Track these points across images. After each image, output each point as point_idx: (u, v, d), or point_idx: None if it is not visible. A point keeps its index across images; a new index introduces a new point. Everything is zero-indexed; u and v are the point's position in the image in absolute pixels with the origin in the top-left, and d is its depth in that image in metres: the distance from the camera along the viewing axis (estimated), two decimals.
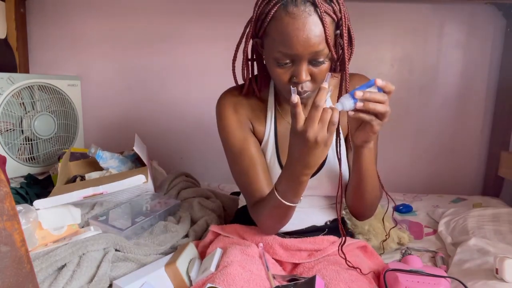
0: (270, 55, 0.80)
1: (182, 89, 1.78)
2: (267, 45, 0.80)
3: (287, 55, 0.77)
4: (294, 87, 0.72)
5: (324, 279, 0.78)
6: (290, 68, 0.79)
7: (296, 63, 0.78)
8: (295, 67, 0.78)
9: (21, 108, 1.46)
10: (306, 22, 0.73)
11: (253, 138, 0.94)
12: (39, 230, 0.94)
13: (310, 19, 0.74)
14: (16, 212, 0.53)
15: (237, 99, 0.95)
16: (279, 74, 0.80)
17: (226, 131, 0.93)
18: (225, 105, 0.95)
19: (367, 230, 1.12)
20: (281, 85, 0.82)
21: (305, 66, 0.78)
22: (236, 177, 0.94)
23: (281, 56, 0.77)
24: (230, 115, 0.94)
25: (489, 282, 0.84)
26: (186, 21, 1.71)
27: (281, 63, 0.78)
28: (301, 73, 0.78)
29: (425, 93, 1.71)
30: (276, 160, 0.94)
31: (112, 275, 0.84)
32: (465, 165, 1.76)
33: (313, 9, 0.74)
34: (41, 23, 1.72)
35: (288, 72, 0.79)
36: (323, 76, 0.81)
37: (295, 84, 0.80)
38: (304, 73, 0.78)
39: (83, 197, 1.05)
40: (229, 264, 0.77)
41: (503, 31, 1.63)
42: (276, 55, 0.77)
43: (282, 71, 0.79)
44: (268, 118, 0.95)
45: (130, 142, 1.32)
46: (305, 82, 0.79)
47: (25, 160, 1.48)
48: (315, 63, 0.78)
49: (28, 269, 0.54)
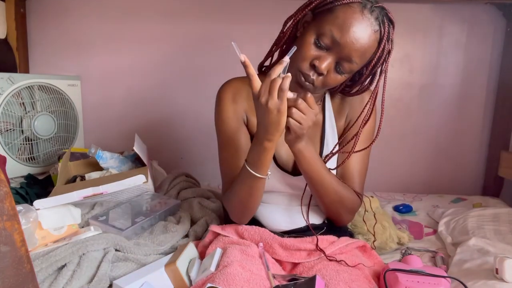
0: (317, 29, 0.82)
1: (182, 89, 1.78)
2: (322, 19, 0.83)
3: (331, 39, 0.80)
4: (235, 43, 0.75)
5: (324, 279, 0.78)
6: (320, 52, 0.82)
7: (329, 52, 0.81)
8: (324, 54, 0.82)
9: (21, 108, 1.46)
10: (368, 30, 0.80)
11: (244, 130, 0.97)
12: (39, 230, 0.94)
13: (371, 32, 0.80)
14: (16, 212, 0.53)
15: (238, 89, 0.98)
16: (309, 49, 0.82)
17: (220, 118, 0.97)
18: (225, 93, 0.98)
19: (366, 230, 1.12)
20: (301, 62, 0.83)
21: (331, 60, 0.82)
22: (220, 162, 0.99)
23: (328, 34, 0.80)
24: (228, 103, 0.96)
25: (489, 282, 0.84)
26: (187, 22, 1.71)
27: (320, 41, 0.81)
28: (325, 61, 0.81)
29: (425, 93, 1.71)
30: None
31: (112, 275, 0.84)
32: (465, 165, 1.76)
33: (378, 29, 0.81)
34: (41, 23, 1.72)
35: (316, 53, 0.82)
36: (333, 84, 0.86)
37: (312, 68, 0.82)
38: (326, 63, 0.82)
39: (83, 197, 1.05)
40: (229, 264, 0.77)
41: (503, 31, 1.63)
42: (324, 31, 0.80)
43: (313, 49, 0.82)
44: None
45: (130, 142, 1.32)
46: (320, 73, 0.82)
47: (25, 160, 1.48)
48: (339, 68, 0.83)
49: (28, 269, 0.54)
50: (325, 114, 1.00)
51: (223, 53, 1.71)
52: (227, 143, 0.96)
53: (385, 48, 0.84)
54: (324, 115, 1.00)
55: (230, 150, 0.95)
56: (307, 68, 0.83)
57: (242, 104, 0.97)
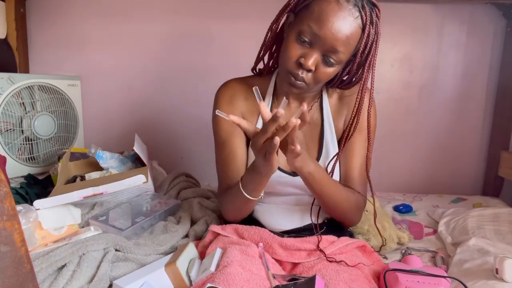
0: (297, 27, 0.82)
1: (182, 89, 1.77)
2: (300, 17, 0.83)
3: (311, 34, 0.80)
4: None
5: (324, 279, 0.78)
6: (304, 49, 0.82)
7: (312, 48, 0.81)
8: (309, 50, 0.81)
9: (21, 108, 1.46)
10: (347, 18, 0.78)
11: (239, 134, 0.97)
12: (39, 230, 0.94)
13: (351, 21, 0.79)
14: (16, 212, 0.53)
15: (236, 91, 0.99)
16: (292, 48, 0.82)
17: (216, 120, 0.99)
18: (222, 95, 1.00)
19: (366, 230, 1.12)
20: (287, 62, 0.84)
21: (317, 55, 0.81)
22: (216, 163, 1.02)
23: (307, 30, 0.80)
24: (224, 105, 0.98)
25: (489, 282, 0.84)
26: (187, 21, 1.71)
27: (302, 38, 0.81)
28: (310, 58, 0.81)
29: (425, 93, 1.71)
30: None
31: (112, 275, 0.84)
32: (465, 165, 1.76)
33: (358, 14, 0.79)
34: (41, 23, 1.72)
35: (300, 51, 0.82)
36: (326, 78, 0.85)
37: (299, 66, 0.82)
38: (312, 59, 0.81)
39: (83, 197, 1.05)
40: (229, 264, 0.77)
41: (503, 31, 1.63)
42: (303, 28, 0.80)
43: (297, 47, 0.82)
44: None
45: (130, 142, 1.32)
46: (308, 69, 0.82)
47: (25, 160, 1.48)
48: (327, 60, 0.82)
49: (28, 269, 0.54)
50: (323, 113, 1.00)
51: (224, 53, 1.71)
52: (222, 146, 0.98)
53: (370, 33, 0.82)
54: (322, 114, 1.00)
55: (224, 152, 0.98)
56: (295, 67, 0.83)
57: (239, 106, 0.98)
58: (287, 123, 0.68)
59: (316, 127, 0.99)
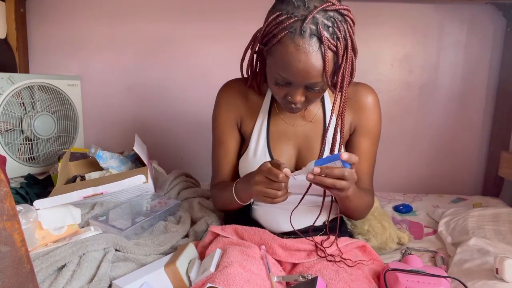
0: (270, 71, 0.84)
1: (182, 89, 1.77)
2: (269, 63, 0.84)
3: (284, 80, 0.80)
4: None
5: (324, 279, 0.78)
6: (286, 88, 0.83)
7: (293, 86, 0.82)
8: (291, 89, 0.82)
9: (21, 108, 1.46)
10: (309, 56, 0.75)
11: (235, 135, 1.02)
12: (39, 230, 0.94)
13: (314, 54, 0.75)
14: (16, 212, 0.53)
15: (236, 92, 1.01)
16: (276, 90, 0.85)
17: (215, 120, 1.03)
18: (223, 95, 1.02)
19: (366, 230, 1.12)
20: (277, 98, 0.89)
21: (300, 90, 0.83)
22: (212, 157, 1.08)
23: (280, 78, 0.81)
24: (223, 106, 1.01)
25: (489, 282, 0.84)
26: (186, 22, 1.71)
27: (279, 83, 0.82)
28: (296, 96, 0.83)
29: (425, 93, 1.71)
30: (267, 152, 0.97)
31: (112, 275, 0.84)
32: (465, 165, 1.76)
33: (318, 44, 0.76)
34: (41, 23, 1.72)
35: (284, 90, 0.84)
36: (318, 98, 0.87)
37: (289, 101, 0.84)
38: (298, 96, 0.83)
39: (83, 197, 1.05)
40: (229, 264, 0.77)
41: (503, 31, 1.63)
42: (275, 76, 0.81)
43: (280, 89, 0.84)
44: (262, 112, 0.99)
45: (130, 142, 1.32)
46: (297, 104, 0.84)
47: (25, 160, 1.48)
48: (311, 90, 0.82)
49: (28, 269, 0.54)
50: (325, 111, 0.99)
51: (224, 53, 1.71)
52: (218, 144, 1.04)
53: (339, 46, 0.77)
54: (324, 112, 0.99)
55: (219, 151, 1.04)
56: (286, 102, 0.86)
57: (238, 107, 1.00)
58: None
59: (319, 125, 0.99)
